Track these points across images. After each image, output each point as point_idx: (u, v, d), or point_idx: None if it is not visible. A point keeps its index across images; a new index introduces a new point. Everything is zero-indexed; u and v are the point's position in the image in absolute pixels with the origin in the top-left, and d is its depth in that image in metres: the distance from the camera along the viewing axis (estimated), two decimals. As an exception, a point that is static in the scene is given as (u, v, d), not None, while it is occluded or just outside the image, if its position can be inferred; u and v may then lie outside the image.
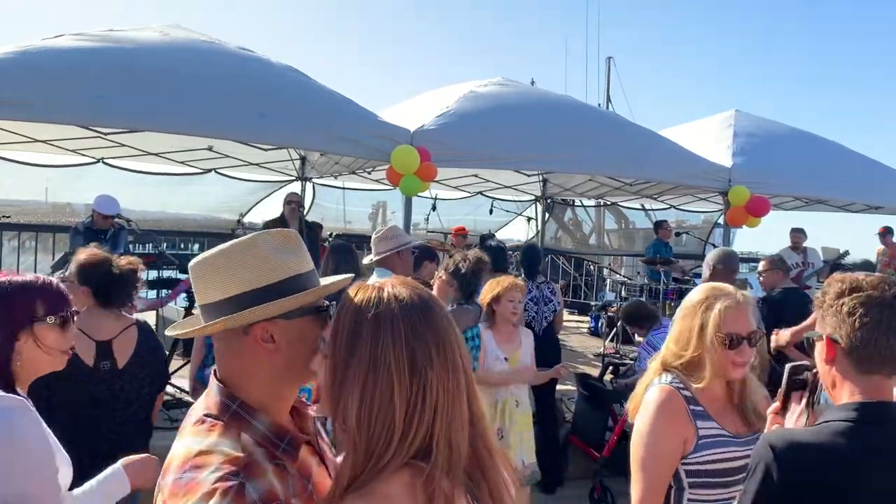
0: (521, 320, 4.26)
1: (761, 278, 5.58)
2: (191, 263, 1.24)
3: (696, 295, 2.07)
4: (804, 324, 4.31)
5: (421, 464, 1.08)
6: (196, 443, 1.12)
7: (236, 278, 1.19)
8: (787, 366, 1.70)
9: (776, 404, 1.70)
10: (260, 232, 1.26)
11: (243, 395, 1.20)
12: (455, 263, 3.99)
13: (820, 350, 1.57)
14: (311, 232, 7.16)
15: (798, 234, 8.91)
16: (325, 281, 1.32)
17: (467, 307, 3.99)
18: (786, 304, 5.07)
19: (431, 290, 1.70)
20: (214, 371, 1.25)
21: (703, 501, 1.96)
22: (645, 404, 2.02)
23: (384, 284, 1.17)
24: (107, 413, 2.78)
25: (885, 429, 1.48)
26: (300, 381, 1.27)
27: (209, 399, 1.21)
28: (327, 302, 1.28)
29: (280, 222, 7.02)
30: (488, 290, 4.01)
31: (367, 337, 1.11)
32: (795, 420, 1.64)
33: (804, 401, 1.66)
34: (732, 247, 8.34)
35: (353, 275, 1.33)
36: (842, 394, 1.52)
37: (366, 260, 4.08)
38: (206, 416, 1.17)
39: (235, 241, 1.24)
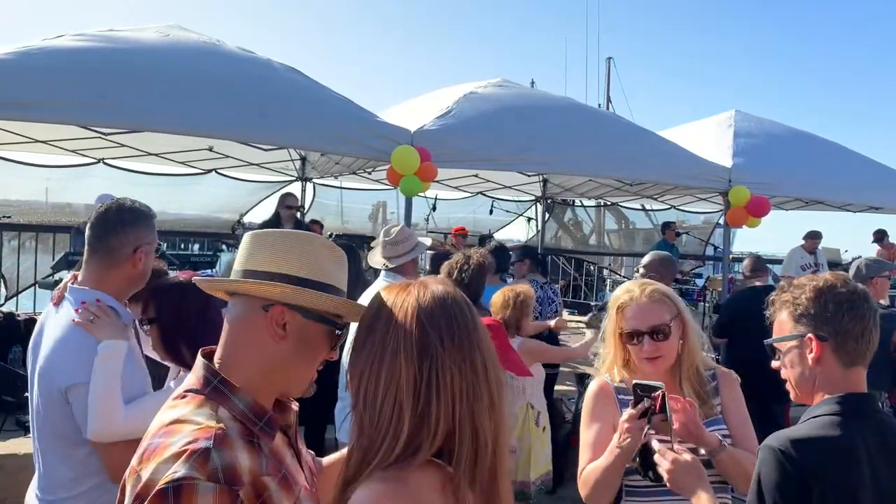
0: None
1: (755, 280, 5.61)
2: (249, 233, 1.31)
3: (612, 296, 2.20)
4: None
5: (448, 467, 1.10)
6: (172, 414, 1.16)
7: (285, 260, 1.23)
8: (634, 382, 1.86)
9: (630, 412, 1.83)
10: (321, 236, 1.34)
11: (231, 371, 1.22)
12: (458, 265, 3.78)
13: (798, 352, 1.58)
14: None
15: (814, 240, 9.00)
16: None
17: None
18: (748, 304, 5.05)
19: None
20: (202, 350, 1.28)
21: (636, 486, 1.97)
22: (584, 398, 2.19)
23: (416, 283, 1.21)
24: None
25: (869, 417, 1.54)
26: (290, 386, 1.28)
27: (192, 376, 1.25)
28: (343, 323, 1.30)
29: (274, 224, 7.03)
30: (518, 308, 3.91)
31: (382, 326, 1.15)
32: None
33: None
34: (732, 247, 8.36)
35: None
36: (823, 392, 1.57)
37: (371, 260, 3.85)
38: (188, 390, 1.20)
39: (299, 231, 1.32)
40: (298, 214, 8.08)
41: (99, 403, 1.85)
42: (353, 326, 1.27)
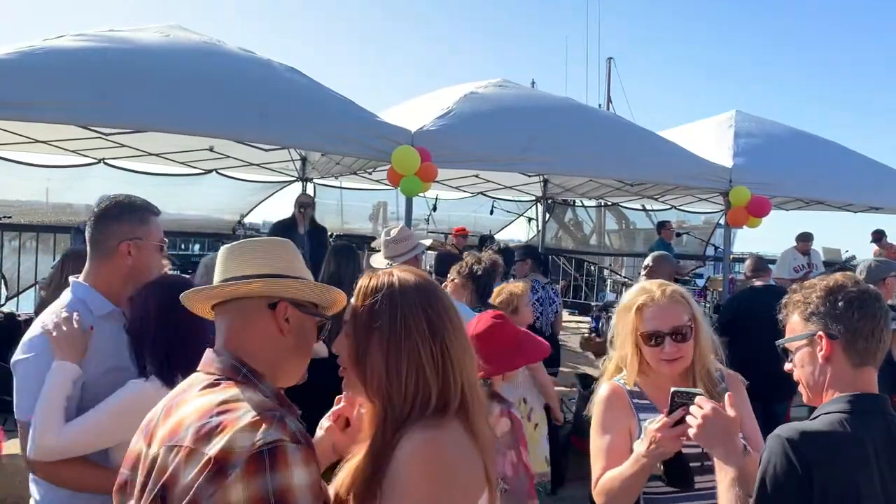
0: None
1: (756, 280, 5.61)
2: (224, 247, 1.41)
3: (625, 297, 2.16)
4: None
5: (464, 418, 1.30)
6: (213, 399, 1.21)
7: (271, 263, 1.34)
8: (673, 390, 1.79)
9: (664, 420, 1.76)
10: (289, 241, 1.45)
11: (250, 362, 1.30)
12: (469, 266, 3.88)
13: (809, 351, 1.59)
14: (321, 234, 7.18)
15: (806, 242, 9.02)
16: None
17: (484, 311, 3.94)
18: (748, 304, 5.05)
19: None
20: (210, 346, 1.36)
21: (655, 493, 1.96)
22: (594, 402, 2.15)
23: (392, 271, 1.36)
24: None
25: (879, 419, 1.54)
26: (290, 375, 1.39)
27: (210, 367, 1.30)
28: (327, 316, 1.43)
29: (290, 224, 7.02)
30: (507, 301, 3.85)
31: (385, 311, 1.29)
32: None
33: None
34: (733, 247, 8.37)
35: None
36: (834, 390, 1.57)
37: (374, 262, 3.94)
38: (218, 379, 1.27)
39: (270, 237, 1.45)
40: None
41: (35, 425, 1.85)
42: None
